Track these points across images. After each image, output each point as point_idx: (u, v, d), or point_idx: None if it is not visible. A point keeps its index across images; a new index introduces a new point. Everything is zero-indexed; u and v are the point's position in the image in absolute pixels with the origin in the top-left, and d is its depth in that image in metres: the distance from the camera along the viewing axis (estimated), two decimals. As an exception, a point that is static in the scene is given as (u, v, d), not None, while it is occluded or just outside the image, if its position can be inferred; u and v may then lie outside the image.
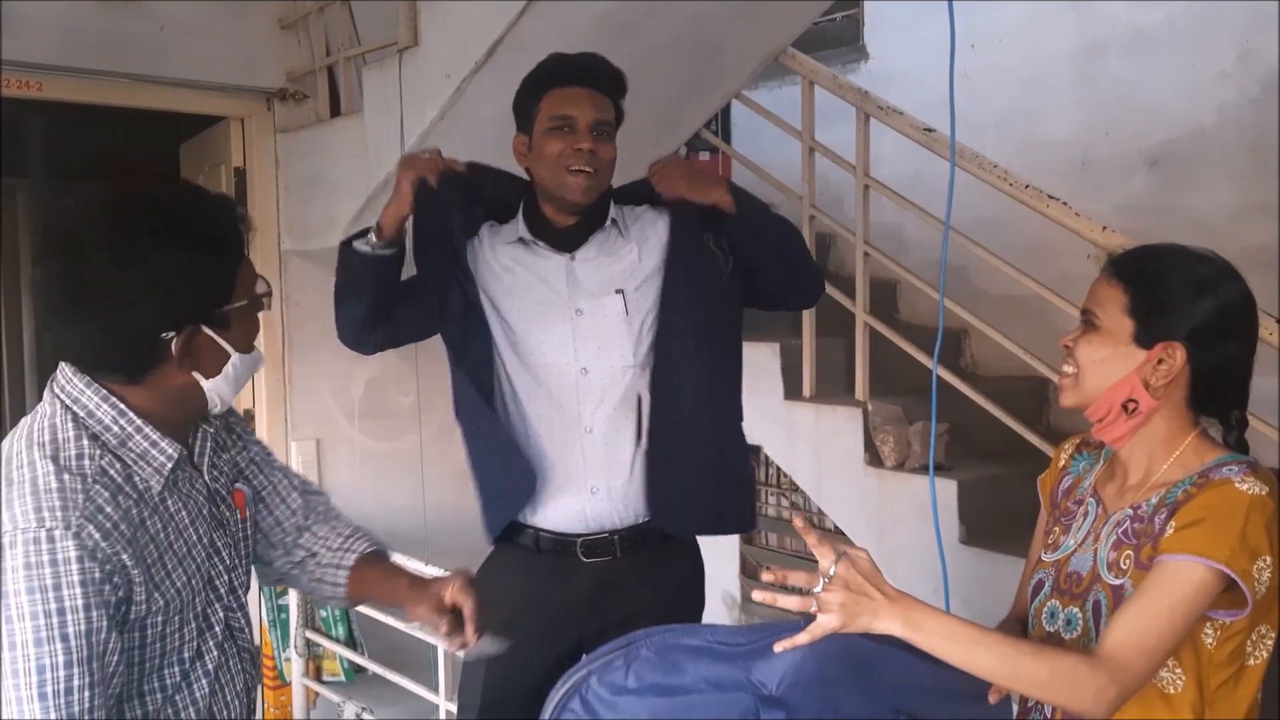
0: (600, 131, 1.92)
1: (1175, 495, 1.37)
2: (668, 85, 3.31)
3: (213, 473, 1.43)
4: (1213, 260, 1.43)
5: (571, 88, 1.92)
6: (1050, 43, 4.01)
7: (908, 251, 3.79)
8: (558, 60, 1.98)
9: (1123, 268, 1.44)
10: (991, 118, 3.92)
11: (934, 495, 2.39)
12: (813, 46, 4.27)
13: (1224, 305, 1.39)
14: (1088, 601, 1.41)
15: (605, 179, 1.96)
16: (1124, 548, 1.40)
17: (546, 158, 1.92)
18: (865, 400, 3.35)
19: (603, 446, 1.95)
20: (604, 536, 1.95)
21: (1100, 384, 1.42)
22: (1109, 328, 1.41)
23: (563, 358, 1.96)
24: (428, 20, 3.00)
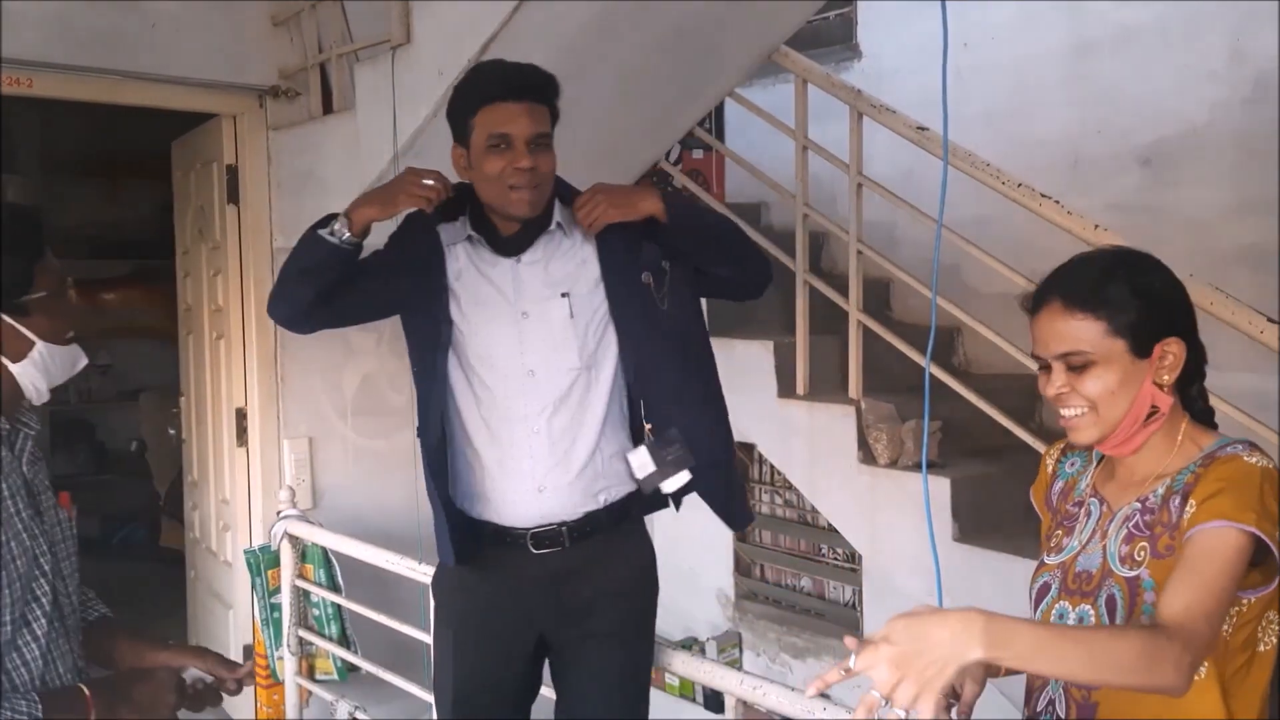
0: (539, 144, 1.92)
1: (1183, 480, 1.40)
2: (661, 83, 3.31)
3: (33, 467, 1.54)
4: (1125, 251, 1.50)
5: (506, 103, 1.90)
6: (1042, 41, 4.02)
7: (900, 249, 3.79)
8: (489, 73, 1.99)
9: (1078, 298, 1.42)
10: (983, 116, 3.93)
11: (927, 493, 2.40)
12: (806, 45, 4.28)
13: (1173, 285, 1.46)
14: (1100, 598, 1.43)
15: (547, 190, 1.97)
16: (1136, 540, 1.42)
17: (487, 176, 1.93)
18: (858, 398, 3.35)
19: (550, 446, 1.97)
20: (553, 528, 1.99)
21: (1119, 409, 1.43)
22: (1104, 357, 1.41)
23: (510, 359, 1.98)
24: (420, 18, 2.99)
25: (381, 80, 3.07)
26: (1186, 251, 3.26)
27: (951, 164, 3.10)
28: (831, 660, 4.52)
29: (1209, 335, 1.49)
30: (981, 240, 3.20)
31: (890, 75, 4.08)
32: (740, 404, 3.68)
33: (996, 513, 3.02)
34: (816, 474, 3.47)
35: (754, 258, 2.12)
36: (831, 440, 3.37)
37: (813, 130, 3.57)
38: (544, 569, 1.99)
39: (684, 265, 2.03)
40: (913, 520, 3.09)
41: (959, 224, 3.19)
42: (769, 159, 3.93)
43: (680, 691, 4.82)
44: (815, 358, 3.52)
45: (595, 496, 2.01)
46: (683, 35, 3.04)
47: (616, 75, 3.13)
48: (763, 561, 4.91)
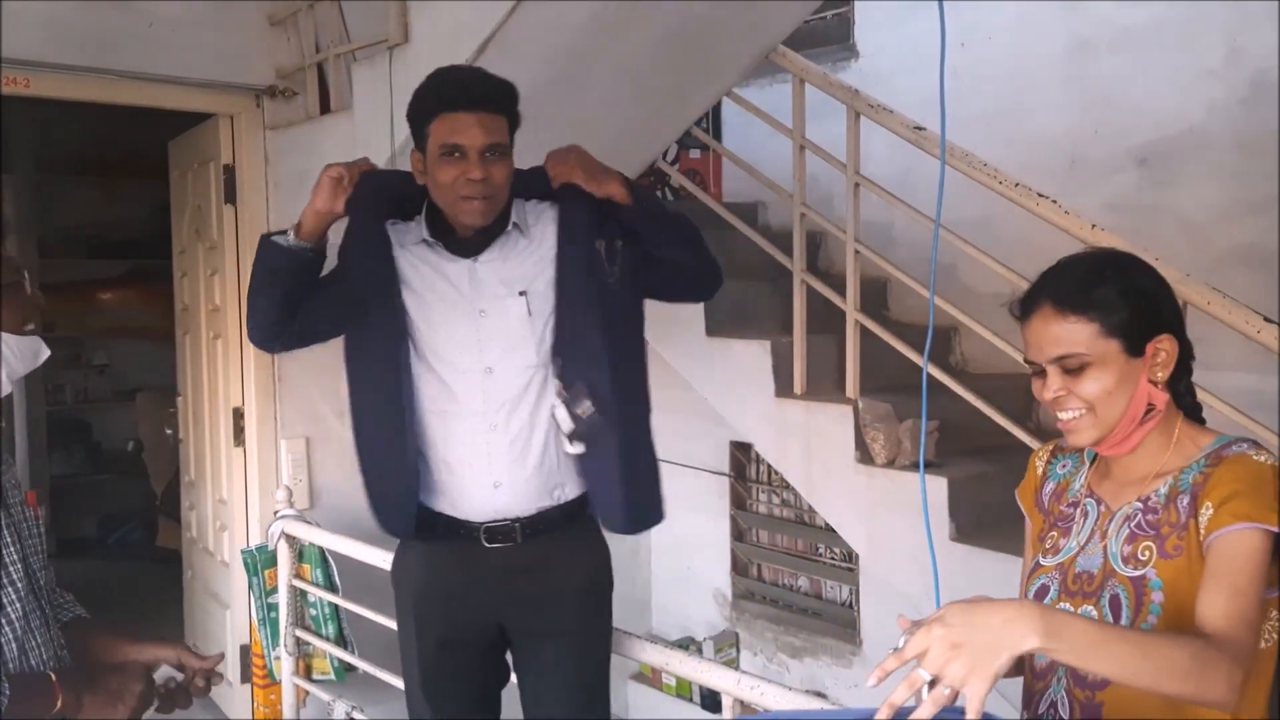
0: (492, 154, 1.92)
1: (1189, 480, 1.40)
2: (658, 83, 3.31)
3: None
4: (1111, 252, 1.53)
5: (460, 114, 1.90)
6: (1039, 41, 4.02)
7: (897, 249, 3.79)
8: (445, 81, 1.98)
9: (1069, 300, 1.42)
10: (981, 115, 3.93)
11: (924, 492, 2.39)
12: (803, 44, 4.28)
13: (1160, 282, 1.47)
14: (1103, 598, 1.43)
15: (500, 199, 1.98)
16: (1140, 540, 1.42)
17: (440, 184, 1.94)
18: (856, 398, 3.35)
19: (508, 444, 2.01)
20: (506, 523, 2.03)
21: (1118, 410, 1.43)
22: (1099, 357, 1.41)
23: (467, 358, 2.01)
24: (418, 17, 2.99)
25: (379, 80, 3.07)
26: (1184, 251, 3.27)
27: (949, 164, 3.11)
28: (829, 660, 4.53)
29: (1205, 334, 1.50)
30: (979, 240, 3.20)
31: (888, 75, 4.08)
32: (738, 403, 3.72)
33: (994, 512, 3.02)
34: (814, 473, 3.47)
35: (707, 256, 2.14)
36: (829, 440, 3.36)
37: (810, 130, 3.57)
38: (497, 563, 2.04)
39: (636, 254, 2.04)
40: (910, 520, 3.09)
41: (956, 224, 3.18)
42: (766, 159, 3.93)
43: (677, 691, 4.83)
44: (812, 357, 3.52)
45: (550, 493, 2.05)
46: (680, 35, 3.04)
47: (613, 75, 3.13)
48: (760, 561, 4.91)
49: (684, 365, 3.84)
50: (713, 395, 3.78)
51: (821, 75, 3.54)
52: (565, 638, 2.09)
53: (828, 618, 4.63)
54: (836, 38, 4.68)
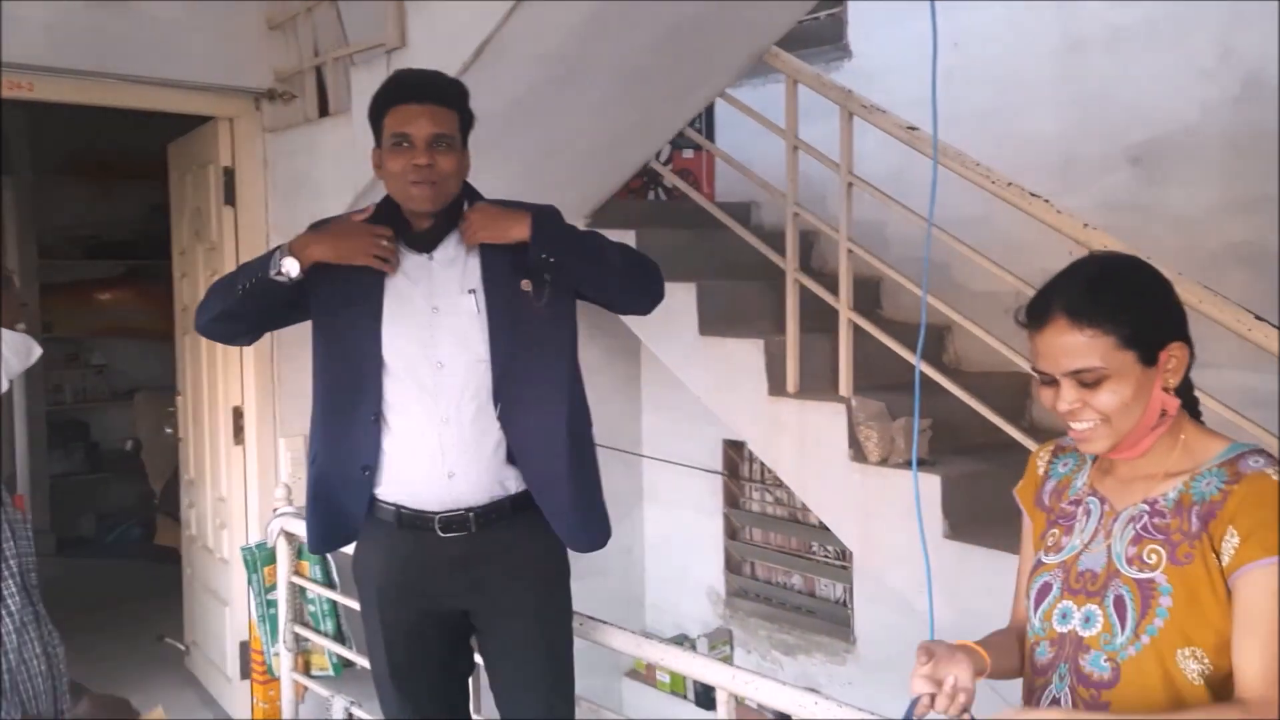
0: (439, 144, 2.03)
1: (1203, 490, 1.40)
2: (652, 85, 3.34)
3: None
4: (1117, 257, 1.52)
5: (409, 105, 2.03)
6: (1032, 41, 4.04)
7: (890, 248, 3.82)
8: (397, 79, 2.12)
9: (1085, 312, 1.40)
10: (974, 115, 3.95)
11: (917, 490, 2.42)
12: (796, 45, 4.30)
13: (1167, 287, 1.46)
14: (1107, 597, 1.43)
15: (449, 187, 2.07)
16: (1146, 542, 1.42)
17: (391, 173, 2.06)
18: (849, 396, 3.38)
19: (459, 436, 2.08)
20: (460, 513, 2.10)
21: (1133, 420, 1.42)
22: (1116, 371, 1.40)
23: (420, 352, 2.09)
24: (415, 21, 3.02)
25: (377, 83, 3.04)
26: (1177, 250, 3.30)
27: (941, 163, 3.13)
28: (822, 658, 4.55)
29: (1198, 333, 1.50)
30: (973, 239, 3.23)
31: (881, 75, 4.10)
32: (731, 402, 3.75)
33: (987, 510, 3.04)
34: (807, 472, 3.49)
35: (635, 264, 2.21)
36: (822, 438, 3.39)
37: (804, 130, 3.59)
38: (453, 552, 2.11)
39: (564, 281, 2.13)
40: (903, 517, 3.11)
41: (950, 223, 3.21)
42: (760, 158, 3.95)
43: (671, 689, 4.85)
44: (806, 356, 3.54)
45: (503, 484, 2.12)
46: (674, 37, 3.06)
47: (608, 77, 3.16)
48: (753, 559, 4.94)
49: (677, 364, 3.87)
50: (706, 394, 3.81)
51: (814, 76, 3.57)
52: (525, 618, 2.17)
53: (822, 615, 4.66)
54: (830, 38, 4.70)
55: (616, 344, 4.62)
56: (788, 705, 2.20)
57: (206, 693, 4.33)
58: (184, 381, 4.50)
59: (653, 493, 5.09)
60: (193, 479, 4.45)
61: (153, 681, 4.42)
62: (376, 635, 2.23)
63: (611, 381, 4.89)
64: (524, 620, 2.18)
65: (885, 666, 4.09)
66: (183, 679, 4.48)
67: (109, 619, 5.09)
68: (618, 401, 4.94)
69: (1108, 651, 1.42)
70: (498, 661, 2.24)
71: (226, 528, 4.08)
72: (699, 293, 3.75)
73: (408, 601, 2.17)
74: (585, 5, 2.78)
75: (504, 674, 2.23)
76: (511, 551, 2.15)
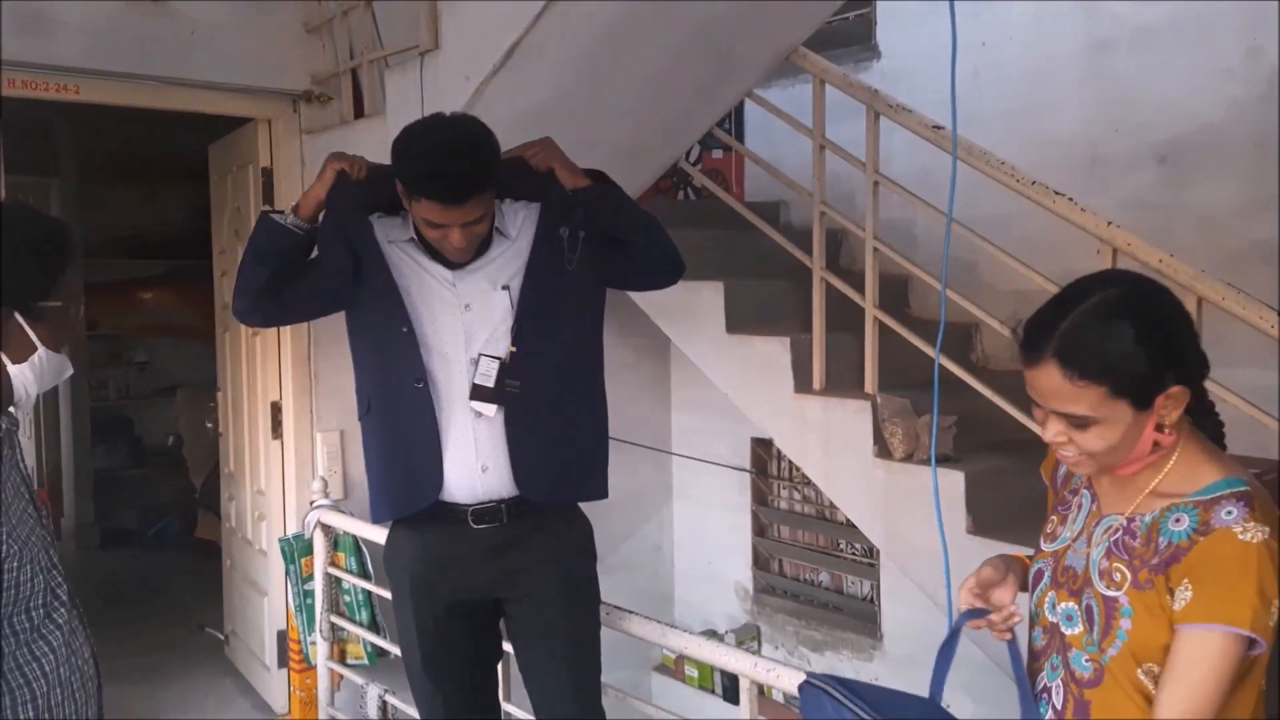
0: (474, 223, 2.06)
1: (1172, 530, 1.38)
2: (680, 85, 3.38)
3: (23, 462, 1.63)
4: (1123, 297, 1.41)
5: (443, 205, 2.01)
6: (1059, 40, 4.05)
7: (919, 247, 3.84)
8: (430, 173, 2.01)
9: (1078, 364, 1.37)
10: (1001, 114, 3.98)
11: (936, 486, 2.46)
12: (825, 45, 4.33)
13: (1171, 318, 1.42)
14: (1083, 601, 1.46)
15: (480, 238, 2.12)
16: (1115, 559, 1.43)
17: (424, 235, 2.11)
18: (874, 393, 3.40)
19: (491, 430, 2.14)
20: (492, 505, 2.15)
21: (1120, 456, 1.42)
22: (1104, 418, 1.38)
23: (455, 349, 2.15)
24: (448, 24, 3.08)
25: (410, 85, 3.16)
26: (1202, 247, 3.30)
27: (967, 162, 3.16)
28: (849, 654, 4.58)
29: (1220, 329, 1.48)
30: (999, 238, 3.24)
31: (909, 75, 4.12)
32: (758, 399, 3.78)
33: (1011, 505, 3.06)
34: (832, 468, 3.52)
35: (666, 243, 2.29)
36: (847, 435, 3.41)
37: (832, 129, 3.62)
38: (484, 543, 2.16)
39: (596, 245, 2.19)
40: (927, 514, 3.12)
41: (977, 221, 3.23)
42: (790, 158, 3.98)
43: (700, 683, 4.89)
44: (833, 354, 3.57)
45: None
46: (701, 38, 3.10)
47: (636, 77, 3.20)
48: (781, 556, 4.97)
49: (705, 362, 3.91)
50: (733, 391, 3.84)
51: (841, 76, 3.59)
52: (555, 605, 2.22)
53: (849, 612, 4.68)
54: (859, 38, 4.72)
55: (646, 343, 4.67)
56: (808, 693, 2.24)
57: (245, 681, 4.41)
58: (224, 378, 4.59)
59: (682, 490, 5.14)
60: (232, 473, 4.55)
61: (193, 670, 4.53)
62: (409, 626, 2.29)
63: (641, 380, 4.94)
64: (553, 607, 2.24)
65: (912, 663, 4.11)
66: (222, 667, 4.57)
67: (151, 609, 5.21)
68: (647, 400, 4.99)
69: (1089, 652, 1.46)
70: (527, 647, 2.30)
71: (265, 520, 4.17)
72: (726, 291, 3.79)
73: (439, 592, 2.23)
74: (613, 6, 2.82)
75: (533, 659, 2.29)
76: (541, 540, 2.20)
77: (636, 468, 4.85)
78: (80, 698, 1.60)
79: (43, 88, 3.44)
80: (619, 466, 2.39)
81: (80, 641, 1.64)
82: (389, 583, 2.39)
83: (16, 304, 1.57)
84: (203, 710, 4.19)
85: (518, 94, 2.96)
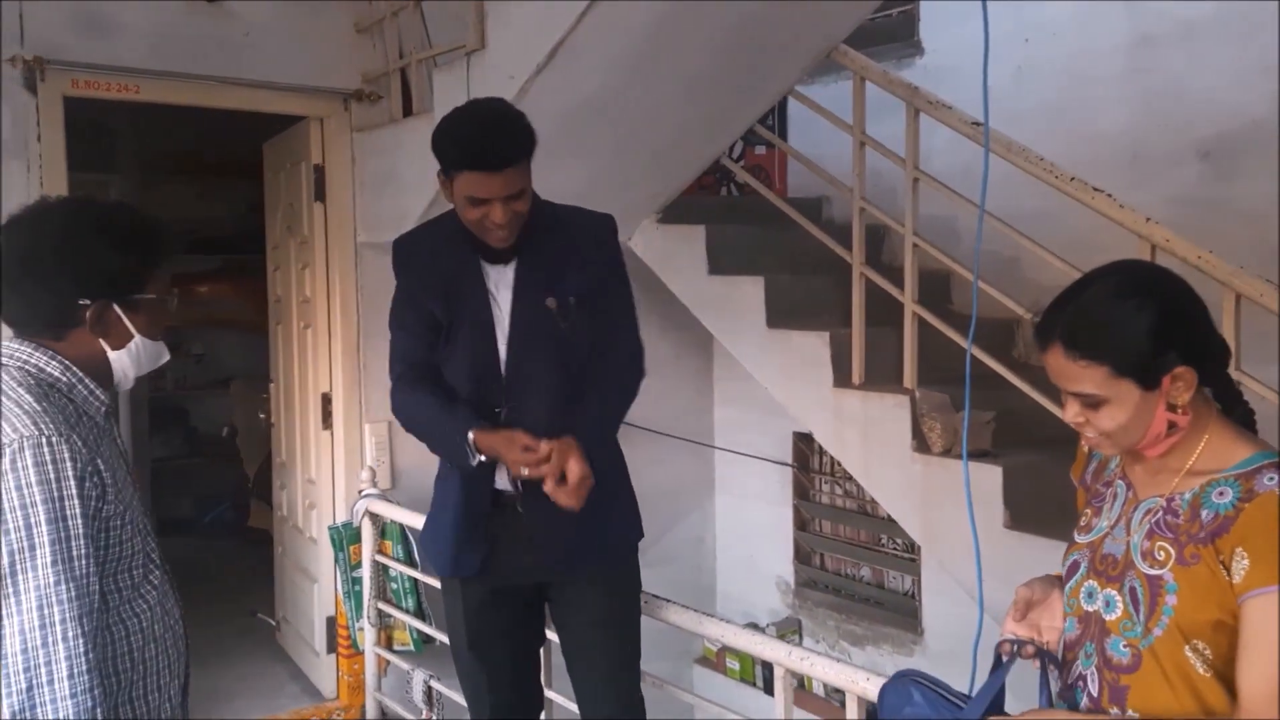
0: (514, 198, 2.10)
1: (1216, 503, 1.41)
2: (721, 83, 3.41)
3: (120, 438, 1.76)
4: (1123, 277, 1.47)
5: (483, 174, 2.06)
6: (1102, 36, 4.02)
7: (961, 243, 3.83)
8: (469, 140, 2.08)
9: (1079, 344, 1.43)
10: (1044, 110, 3.97)
11: (967, 480, 2.48)
12: (868, 41, 4.34)
13: (1173, 305, 1.45)
14: (1124, 585, 1.48)
15: (522, 221, 2.15)
16: (1158, 538, 1.45)
17: (466, 218, 2.14)
18: (913, 388, 3.42)
19: None
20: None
21: (1135, 435, 1.46)
22: (1112, 397, 1.44)
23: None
24: (494, 25, 3.14)
25: (457, 84, 3.23)
26: (1245, 244, 3.28)
27: (1005, 158, 3.17)
28: (890, 648, 4.59)
29: (1260, 326, 1.50)
30: (1041, 234, 3.24)
31: (952, 71, 4.10)
32: (798, 393, 3.81)
33: (1049, 500, 3.06)
34: (871, 462, 3.54)
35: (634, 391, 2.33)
36: (886, 429, 3.43)
37: (875, 126, 3.63)
38: (530, 529, 2.22)
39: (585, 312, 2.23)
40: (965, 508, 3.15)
41: (1018, 217, 3.24)
42: (832, 155, 3.99)
43: (740, 676, 4.93)
44: (874, 349, 3.58)
45: None
46: (742, 36, 3.14)
47: (678, 75, 3.25)
48: (823, 551, 4.99)
49: (746, 356, 3.94)
50: (773, 386, 3.87)
51: (881, 73, 3.60)
52: (597, 583, 2.30)
53: (890, 607, 4.69)
54: (901, 35, 4.72)
55: (689, 337, 4.71)
56: (842, 681, 2.27)
57: (295, 666, 4.52)
58: (276, 370, 4.70)
59: (724, 484, 5.18)
60: (284, 462, 4.66)
61: (246, 654, 4.64)
62: (456, 608, 2.37)
63: (683, 374, 4.98)
64: (595, 584, 2.31)
65: (952, 658, 4.11)
66: (273, 652, 4.69)
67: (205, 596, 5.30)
68: (690, 394, 5.03)
69: (1128, 638, 1.47)
70: (570, 632, 2.37)
71: (315, 508, 4.27)
72: (767, 286, 3.82)
73: (486, 577, 2.30)
74: (656, 5, 2.87)
75: (576, 644, 2.37)
76: (586, 526, 2.24)
77: (679, 461, 4.90)
78: (172, 654, 1.72)
79: (105, 88, 3.56)
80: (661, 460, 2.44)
81: (171, 603, 1.75)
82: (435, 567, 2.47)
83: (115, 295, 1.67)
84: (255, 694, 4.29)
85: (562, 92, 3.02)
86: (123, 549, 1.63)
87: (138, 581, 1.67)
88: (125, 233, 1.68)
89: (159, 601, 1.71)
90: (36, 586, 1.49)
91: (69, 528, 1.52)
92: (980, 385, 3.05)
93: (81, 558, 1.53)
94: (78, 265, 1.63)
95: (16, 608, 1.49)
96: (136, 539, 1.66)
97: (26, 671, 1.48)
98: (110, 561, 1.61)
